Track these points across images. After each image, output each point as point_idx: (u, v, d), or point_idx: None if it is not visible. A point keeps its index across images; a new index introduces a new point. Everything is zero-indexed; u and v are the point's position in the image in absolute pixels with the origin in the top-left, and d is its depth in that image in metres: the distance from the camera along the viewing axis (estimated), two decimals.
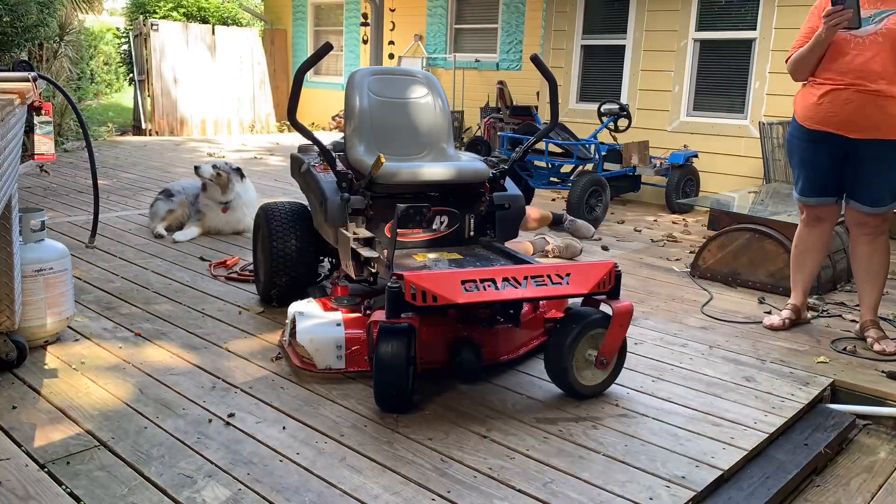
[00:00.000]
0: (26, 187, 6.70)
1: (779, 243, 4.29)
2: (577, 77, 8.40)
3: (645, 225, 6.43)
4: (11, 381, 2.77)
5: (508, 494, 2.16)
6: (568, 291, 2.69)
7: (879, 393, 2.99)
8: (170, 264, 4.46)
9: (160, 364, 2.99)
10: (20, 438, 2.36)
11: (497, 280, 2.62)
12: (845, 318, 3.91)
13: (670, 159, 7.08)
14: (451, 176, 3.33)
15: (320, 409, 2.66)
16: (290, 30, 14.02)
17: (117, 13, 23.39)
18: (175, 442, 2.38)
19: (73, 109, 4.02)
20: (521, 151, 3.62)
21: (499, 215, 3.44)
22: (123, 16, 18.76)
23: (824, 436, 2.71)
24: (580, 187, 6.01)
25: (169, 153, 9.85)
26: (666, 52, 7.64)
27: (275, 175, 8.23)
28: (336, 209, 3.16)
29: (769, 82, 6.99)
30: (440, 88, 3.73)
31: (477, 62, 11.07)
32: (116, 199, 6.43)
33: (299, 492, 2.13)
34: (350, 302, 3.18)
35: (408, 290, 2.52)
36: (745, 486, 2.33)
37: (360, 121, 3.51)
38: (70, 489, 2.10)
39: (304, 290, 3.61)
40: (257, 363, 3.05)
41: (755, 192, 5.57)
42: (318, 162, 3.49)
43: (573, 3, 8.28)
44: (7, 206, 2.55)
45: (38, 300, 2.96)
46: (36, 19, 8.29)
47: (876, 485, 2.57)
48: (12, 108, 2.26)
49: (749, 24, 7.12)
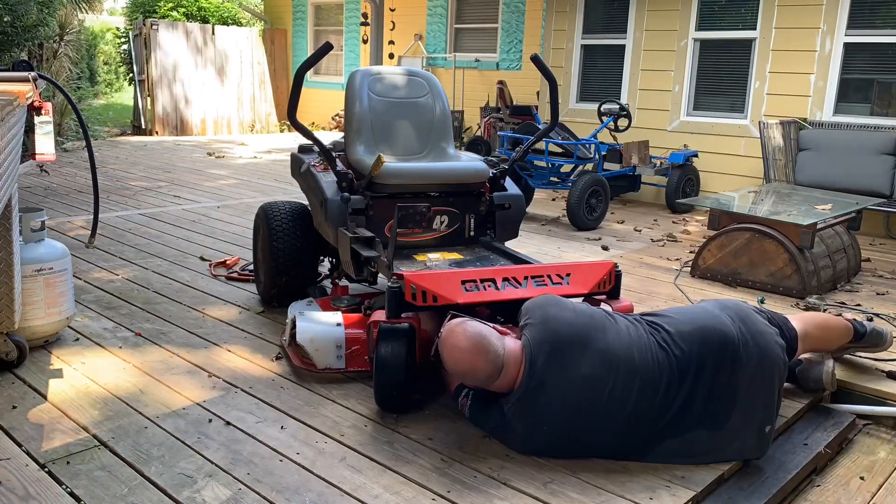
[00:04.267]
0: (26, 187, 6.70)
1: (779, 243, 4.29)
2: (577, 77, 8.40)
3: (645, 225, 6.43)
4: (11, 381, 2.77)
5: (508, 494, 2.16)
6: (568, 291, 2.69)
7: (879, 393, 2.98)
8: (170, 264, 4.45)
9: (160, 364, 2.99)
10: (20, 438, 2.36)
11: (497, 280, 2.62)
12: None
13: (670, 159, 7.08)
14: (452, 176, 3.33)
15: (320, 409, 2.66)
16: (290, 30, 14.02)
17: (117, 13, 23.40)
18: (175, 442, 2.38)
19: (73, 109, 4.02)
20: (521, 151, 3.62)
21: (499, 215, 3.44)
22: (123, 16, 18.75)
23: (824, 436, 2.71)
24: (580, 187, 6.01)
25: (169, 153, 9.85)
26: (666, 52, 7.64)
27: (275, 175, 8.24)
28: (336, 209, 3.16)
29: (769, 82, 6.99)
30: (440, 88, 3.73)
31: (477, 62, 11.07)
32: (116, 199, 6.43)
33: (299, 492, 2.13)
34: (350, 302, 3.18)
35: (408, 289, 2.52)
36: (745, 486, 2.33)
37: (361, 121, 3.51)
38: (70, 489, 2.10)
39: (304, 289, 3.61)
40: (257, 363, 3.05)
41: (755, 192, 5.57)
42: (319, 162, 3.48)
43: (573, 2, 8.28)
44: (7, 206, 2.55)
45: (38, 300, 2.96)
46: (36, 19, 8.29)
47: (876, 485, 2.56)
48: (12, 108, 2.25)
49: (749, 23, 7.12)
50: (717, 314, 2.44)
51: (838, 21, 6.53)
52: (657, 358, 2.33)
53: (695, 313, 2.49)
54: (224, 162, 9.23)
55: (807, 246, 4.23)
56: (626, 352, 2.32)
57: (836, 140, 6.37)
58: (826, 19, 6.59)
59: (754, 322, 2.44)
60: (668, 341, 2.37)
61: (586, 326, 2.35)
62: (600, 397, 2.27)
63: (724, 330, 2.37)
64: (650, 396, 2.29)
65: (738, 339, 2.36)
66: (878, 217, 6.25)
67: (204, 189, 7.18)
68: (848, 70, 6.61)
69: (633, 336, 2.37)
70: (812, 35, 6.68)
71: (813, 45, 6.68)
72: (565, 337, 2.32)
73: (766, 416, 2.39)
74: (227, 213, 6.07)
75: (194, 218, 5.80)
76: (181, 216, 5.85)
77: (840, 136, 6.40)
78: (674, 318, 2.46)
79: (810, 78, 6.73)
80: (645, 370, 2.30)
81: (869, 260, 5.25)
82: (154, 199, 6.52)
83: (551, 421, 2.30)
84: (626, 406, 2.27)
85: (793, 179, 6.53)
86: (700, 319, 2.43)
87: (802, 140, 6.57)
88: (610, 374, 2.28)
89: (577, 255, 5.15)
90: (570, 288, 2.69)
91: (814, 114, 6.73)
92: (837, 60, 6.60)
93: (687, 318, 2.45)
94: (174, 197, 6.68)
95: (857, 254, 4.89)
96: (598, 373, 2.27)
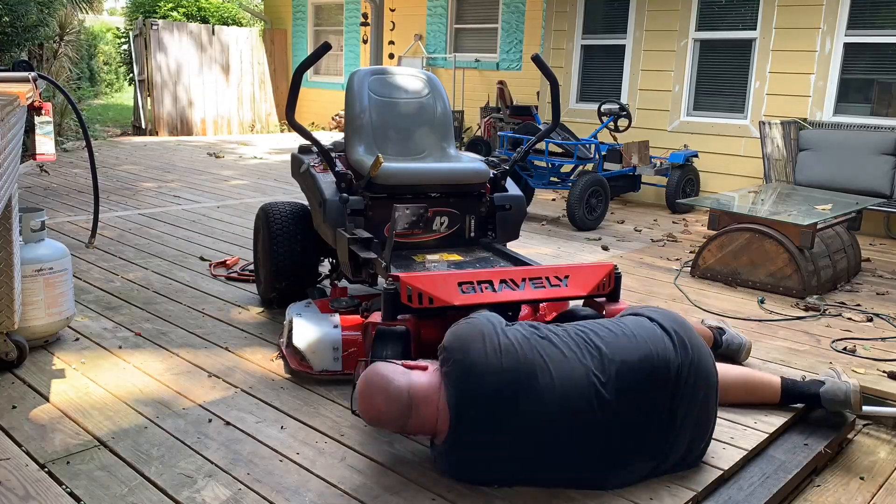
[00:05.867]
0: (26, 187, 6.70)
1: (779, 243, 4.29)
2: (577, 77, 8.40)
3: (645, 225, 6.43)
4: (11, 381, 2.77)
5: (508, 494, 2.15)
6: (566, 293, 2.68)
7: (879, 393, 2.98)
8: (170, 264, 4.45)
9: (160, 364, 2.99)
10: (20, 438, 2.36)
11: (494, 282, 2.61)
12: (845, 318, 3.92)
13: (670, 159, 7.08)
14: (452, 177, 3.32)
15: (320, 408, 2.65)
16: (290, 29, 14.02)
17: (117, 13, 23.42)
18: (175, 442, 2.38)
19: (73, 109, 4.02)
20: (522, 152, 3.61)
21: (499, 216, 3.43)
22: (123, 16, 18.76)
23: (824, 436, 2.71)
24: (580, 187, 6.01)
25: (169, 153, 9.85)
26: (666, 52, 7.64)
27: (275, 175, 8.24)
28: (335, 210, 3.15)
29: (769, 82, 6.99)
30: (441, 88, 3.72)
31: (477, 62, 11.07)
32: (116, 199, 6.43)
33: (299, 492, 2.13)
34: (348, 303, 3.17)
35: (404, 291, 2.51)
36: (745, 486, 2.33)
37: (360, 121, 3.51)
38: (70, 489, 2.10)
39: (304, 291, 3.61)
40: (257, 363, 3.05)
41: (755, 192, 5.57)
42: (318, 162, 3.48)
43: (573, 3, 8.28)
44: (7, 206, 2.55)
45: (38, 300, 2.96)
46: (36, 19, 8.29)
47: (876, 485, 2.57)
48: (12, 108, 2.25)
49: (749, 23, 7.12)
50: (660, 337, 2.26)
51: (838, 21, 6.53)
52: (591, 394, 2.13)
53: (637, 336, 2.26)
54: (224, 162, 9.23)
55: (807, 246, 4.23)
56: (559, 401, 2.11)
57: (836, 140, 6.37)
58: (826, 19, 6.59)
59: (695, 341, 2.30)
60: (604, 372, 2.16)
61: (514, 373, 2.11)
62: (537, 451, 2.13)
63: (667, 357, 2.21)
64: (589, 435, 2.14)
65: (680, 366, 2.21)
66: (878, 217, 6.25)
67: (204, 189, 7.18)
68: (848, 70, 6.61)
69: (566, 371, 2.14)
70: (812, 35, 6.68)
71: (813, 46, 6.68)
72: (489, 392, 2.10)
73: (697, 435, 2.28)
74: (228, 213, 6.07)
75: (194, 218, 5.80)
76: (181, 216, 5.85)
77: (840, 136, 6.40)
78: (612, 343, 2.23)
79: (810, 78, 6.73)
80: (579, 410, 2.12)
81: (869, 260, 5.25)
82: (154, 199, 6.52)
83: (490, 474, 2.19)
84: (568, 451, 2.14)
85: (793, 179, 6.53)
86: (642, 347, 2.22)
87: (802, 140, 6.57)
88: (544, 428, 2.11)
89: (578, 256, 5.15)
90: (568, 290, 2.68)
91: (814, 114, 6.73)
92: (837, 60, 6.60)
93: (629, 345, 2.23)
94: (174, 197, 6.68)
95: (857, 254, 4.90)
96: (531, 425, 2.10)
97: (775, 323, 3.82)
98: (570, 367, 2.16)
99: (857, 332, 3.71)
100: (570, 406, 2.12)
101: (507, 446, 2.12)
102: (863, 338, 3.60)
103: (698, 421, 2.28)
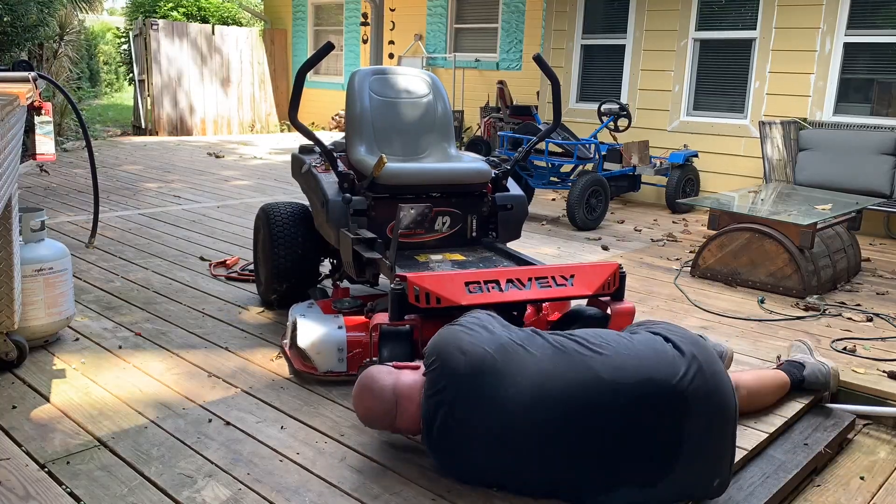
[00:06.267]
0: (26, 187, 6.70)
1: (779, 243, 4.29)
2: (577, 77, 8.40)
3: (645, 225, 6.43)
4: (11, 381, 2.77)
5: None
6: (572, 293, 2.68)
7: (879, 393, 2.98)
8: (170, 264, 4.45)
9: (160, 364, 2.99)
10: (20, 438, 2.36)
11: (501, 281, 2.61)
12: (845, 318, 3.92)
13: (670, 159, 7.08)
14: (454, 177, 3.32)
15: (320, 409, 2.65)
16: (290, 29, 14.02)
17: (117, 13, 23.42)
18: (175, 442, 2.38)
19: (73, 109, 4.02)
20: (523, 151, 3.61)
21: (501, 216, 3.43)
22: (123, 16, 18.75)
23: (824, 436, 2.71)
24: (580, 187, 6.01)
25: (169, 153, 9.85)
26: (666, 52, 7.64)
27: (276, 175, 8.24)
28: (337, 210, 3.15)
29: (769, 82, 6.99)
30: (441, 88, 3.72)
31: (477, 62, 11.07)
32: (116, 199, 6.43)
33: (299, 492, 2.13)
34: (351, 304, 3.17)
35: (411, 291, 2.51)
36: (745, 485, 2.33)
37: (362, 121, 3.50)
38: (70, 489, 2.10)
39: (305, 292, 3.60)
40: (257, 363, 3.05)
41: (755, 192, 5.57)
42: (320, 162, 3.48)
43: (573, 2, 8.28)
44: (7, 206, 2.55)
45: (38, 300, 2.96)
46: (36, 19, 8.29)
47: (876, 485, 2.57)
48: (12, 108, 2.25)
49: (749, 23, 7.12)
50: (670, 359, 2.10)
51: (838, 21, 6.53)
52: (567, 409, 2.04)
53: (641, 356, 2.11)
54: (224, 162, 9.23)
55: (807, 246, 4.23)
56: (525, 413, 2.05)
57: (836, 140, 6.37)
58: (826, 19, 6.59)
59: (713, 367, 2.11)
60: (587, 389, 2.05)
61: (480, 382, 2.07)
62: (504, 461, 2.09)
63: (672, 381, 2.04)
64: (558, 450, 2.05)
65: (690, 392, 2.04)
66: (878, 217, 6.25)
67: (204, 189, 7.18)
68: (848, 70, 6.61)
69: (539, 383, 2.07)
70: (812, 35, 6.68)
71: (813, 45, 6.68)
72: (452, 399, 2.08)
73: (717, 468, 2.12)
74: (228, 213, 6.07)
75: (194, 218, 5.80)
76: (181, 216, 5.85)
77: (840, 136, 6.40)
78: (606, 362, 2.09)
79: (810, 78, 6.73)
80: (548, 424, 2.04)
81: (869, 260, 5.25)
82: (154, 199, 6.52)
83: (467, 476, 2.18)
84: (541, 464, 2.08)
85: (793, 179, 6.53)
86: (642, 368, 2.07)
87: (802, 140, 6.58)
88: (510, 439, 2.05)
89: (578, 255, 5.15)
90: (574, 289, 2.68)
91: (814, 114, 6.74)
92: (837, 60, 6.60)
93: (626, 364, 2.09)
94: (174, 197, 6.68)
95: (857, 254, 4.90)
96: (495, 436, 2.06)
97: (775, 323, 3.82)
98: (546, 381, 2.06)
99: (857, 331, 3.71)
100: (539, 419, 2.04)
101: (478, 453, 2.11)
102: (863, 338, 3.60)
103: (710, 452, 2.09)
